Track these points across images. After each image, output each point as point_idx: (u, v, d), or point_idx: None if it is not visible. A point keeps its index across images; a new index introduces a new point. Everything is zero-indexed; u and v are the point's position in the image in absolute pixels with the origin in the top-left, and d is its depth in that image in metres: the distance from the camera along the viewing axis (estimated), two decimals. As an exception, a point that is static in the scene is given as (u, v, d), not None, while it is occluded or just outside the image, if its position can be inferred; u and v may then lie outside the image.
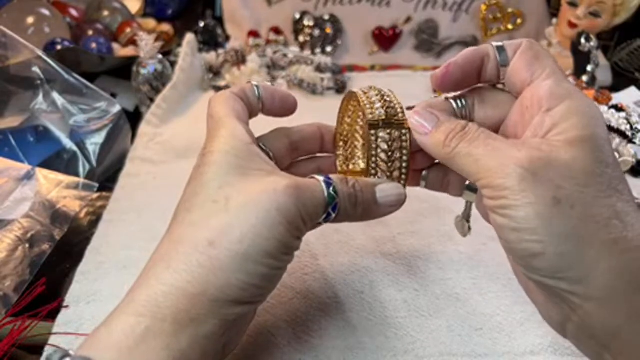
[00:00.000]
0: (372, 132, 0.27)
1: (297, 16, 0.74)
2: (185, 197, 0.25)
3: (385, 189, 0.27)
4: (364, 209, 0.26)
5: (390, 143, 0.27)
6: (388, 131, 0.27)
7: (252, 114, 0.29)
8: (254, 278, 0.23)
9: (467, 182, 0.29)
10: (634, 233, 0.21)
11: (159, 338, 0.21)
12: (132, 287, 0.23)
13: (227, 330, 0.23)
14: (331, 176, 0.26)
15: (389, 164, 0.27)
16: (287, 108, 0.30)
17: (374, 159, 0.27)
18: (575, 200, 0.21)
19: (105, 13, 0.73)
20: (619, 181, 0.22)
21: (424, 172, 0.30)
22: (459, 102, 0.27)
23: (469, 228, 0.32)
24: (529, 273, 0.23)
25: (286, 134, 0.30)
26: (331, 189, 0.25)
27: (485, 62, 0.26)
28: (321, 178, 0.25)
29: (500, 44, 0.26)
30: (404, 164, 0.28)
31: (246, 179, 0.24)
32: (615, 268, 0.21)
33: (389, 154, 0.27)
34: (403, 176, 0.28)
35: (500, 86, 0.28)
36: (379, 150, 0.27)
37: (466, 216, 0.31)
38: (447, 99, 0.28)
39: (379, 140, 0.27)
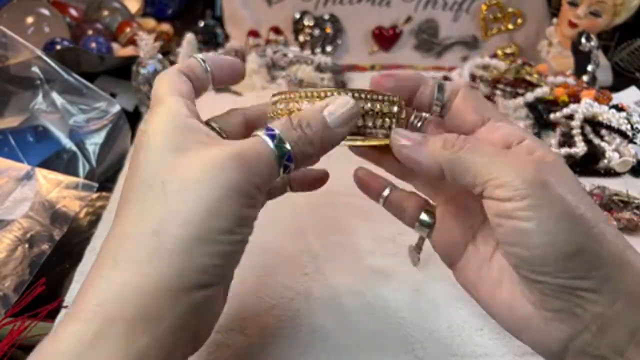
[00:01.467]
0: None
1: (297, 16, 0.74)
2: (124, 188, 0.23)
3: (333, 110, 0.24)
4: (320, 141, 0.24)
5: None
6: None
7: (201, 88, 0.27)
8: (212, 258, 0.21)
9: (421, 217, 0.28)
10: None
11: (110, 341, 0.19)
12: (80, 291, 0.21)
13: (194, 318, 0.21)
14: (273, 125, 0.23)
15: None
16: (236, 75, 0.29)
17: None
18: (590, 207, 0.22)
19: (105, 13, 0.73)
20: None
21: (385, 192, 0.29)
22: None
23: (419, 259, 0.32)
24: (560, 276, 0.22)
25: (241, 112, 0.29)
26: (276, 140, 0.22)
27: (421, 90, 0.27)
28: (262, 132, 0.23)
29: (442, 82, 0.27)
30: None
31: (182, 155, 0.22)
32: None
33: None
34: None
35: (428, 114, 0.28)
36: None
37: (417, 248, 0.31)
38: None
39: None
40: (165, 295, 0.20)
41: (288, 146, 0.23)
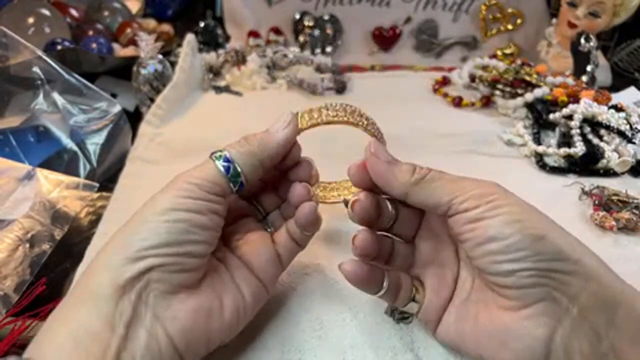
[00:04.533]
0: None
1: (297, 16, 0.74)
2: None
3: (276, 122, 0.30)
4: (258, 142, 0.29)
5: None
6: None
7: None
8: (147, 232, 0.25)
9: (414, 296, 0.30)
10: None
11: (57, 317, 0.24)
12: None
13: (136, 296, 0.24)
14: None
15: None
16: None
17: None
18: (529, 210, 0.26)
19: (106, 13, 0.73)
20: None
21: (385, 282, 0.29)
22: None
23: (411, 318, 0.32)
24: (534, 259, 0.24)
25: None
26: (216, 152, 0.28)
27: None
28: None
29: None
30: None
31: None
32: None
33: None
34: None
35: None
36: None
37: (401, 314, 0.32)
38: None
39: None
40: (102, 267, 0.24)
41: (225, 152, 0.28)
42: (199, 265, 0.27)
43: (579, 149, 0.49)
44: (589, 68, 0.62)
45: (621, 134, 0.50)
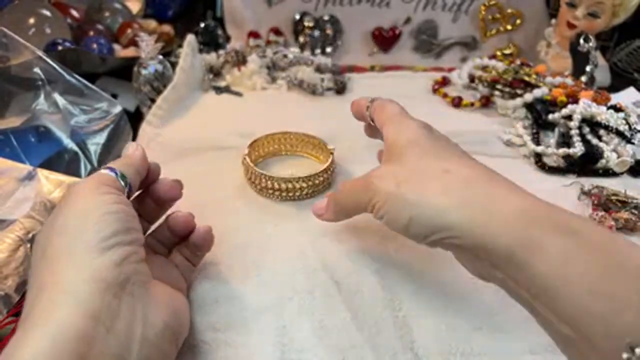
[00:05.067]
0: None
1: (297, 17, 0.74)
2: None
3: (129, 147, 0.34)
4: (130, 162, 0.32)
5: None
6: None
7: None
8: (92, 227, 0.25)
9: None
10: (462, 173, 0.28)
11: (28, 325, 0.22)
12: None
13: (99, 282, 0.23)
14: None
15: None
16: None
17: None
18: (408, 178, 0.29)
19: (106, 14, 0.73)
20: (448, 154, 0.31)
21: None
22: None
23: None
24: (422, 242, 0.29)
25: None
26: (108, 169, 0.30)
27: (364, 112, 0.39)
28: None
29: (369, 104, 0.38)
30: None
31: None
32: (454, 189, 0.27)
33: None
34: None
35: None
36: None
37: None
38: None
39: None
40: (70, 269, 0.24)
41: (111, 165, 0.30)
42: (144, 256, 0.28)
43: (578, 149, 0.49)
44: (588, 68, 0.62)
45: (620, 134, 0.50)
